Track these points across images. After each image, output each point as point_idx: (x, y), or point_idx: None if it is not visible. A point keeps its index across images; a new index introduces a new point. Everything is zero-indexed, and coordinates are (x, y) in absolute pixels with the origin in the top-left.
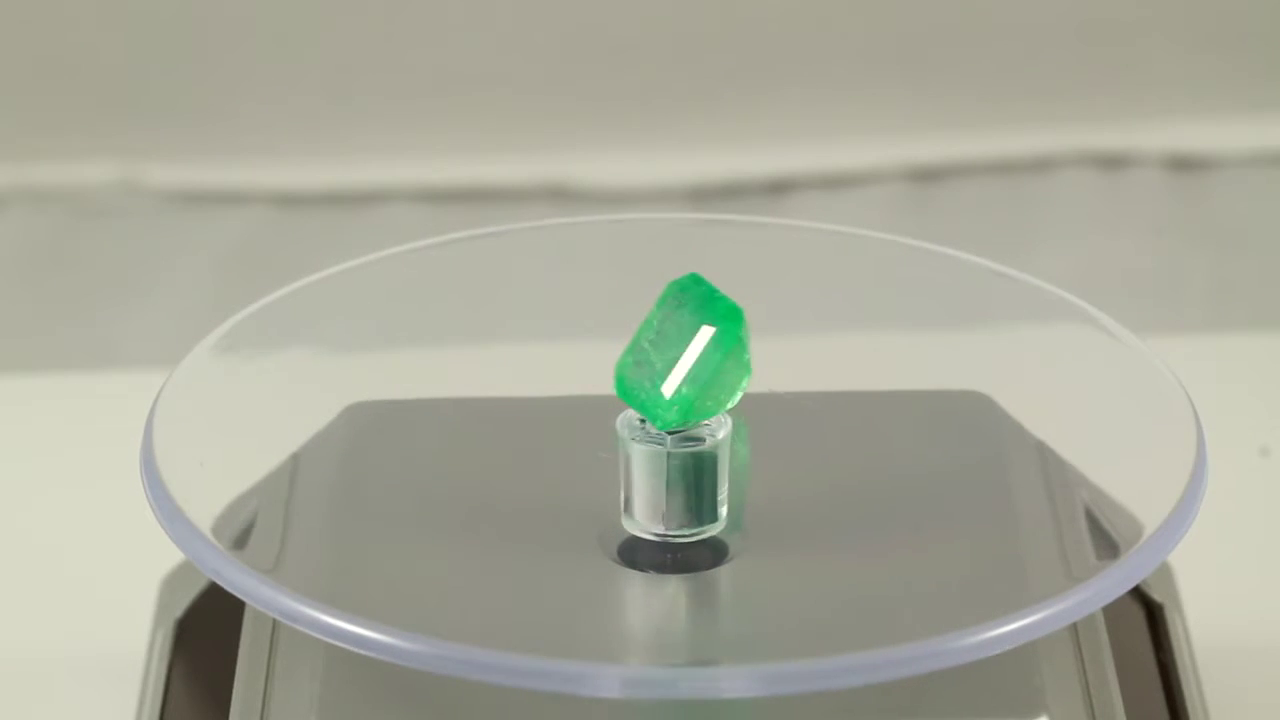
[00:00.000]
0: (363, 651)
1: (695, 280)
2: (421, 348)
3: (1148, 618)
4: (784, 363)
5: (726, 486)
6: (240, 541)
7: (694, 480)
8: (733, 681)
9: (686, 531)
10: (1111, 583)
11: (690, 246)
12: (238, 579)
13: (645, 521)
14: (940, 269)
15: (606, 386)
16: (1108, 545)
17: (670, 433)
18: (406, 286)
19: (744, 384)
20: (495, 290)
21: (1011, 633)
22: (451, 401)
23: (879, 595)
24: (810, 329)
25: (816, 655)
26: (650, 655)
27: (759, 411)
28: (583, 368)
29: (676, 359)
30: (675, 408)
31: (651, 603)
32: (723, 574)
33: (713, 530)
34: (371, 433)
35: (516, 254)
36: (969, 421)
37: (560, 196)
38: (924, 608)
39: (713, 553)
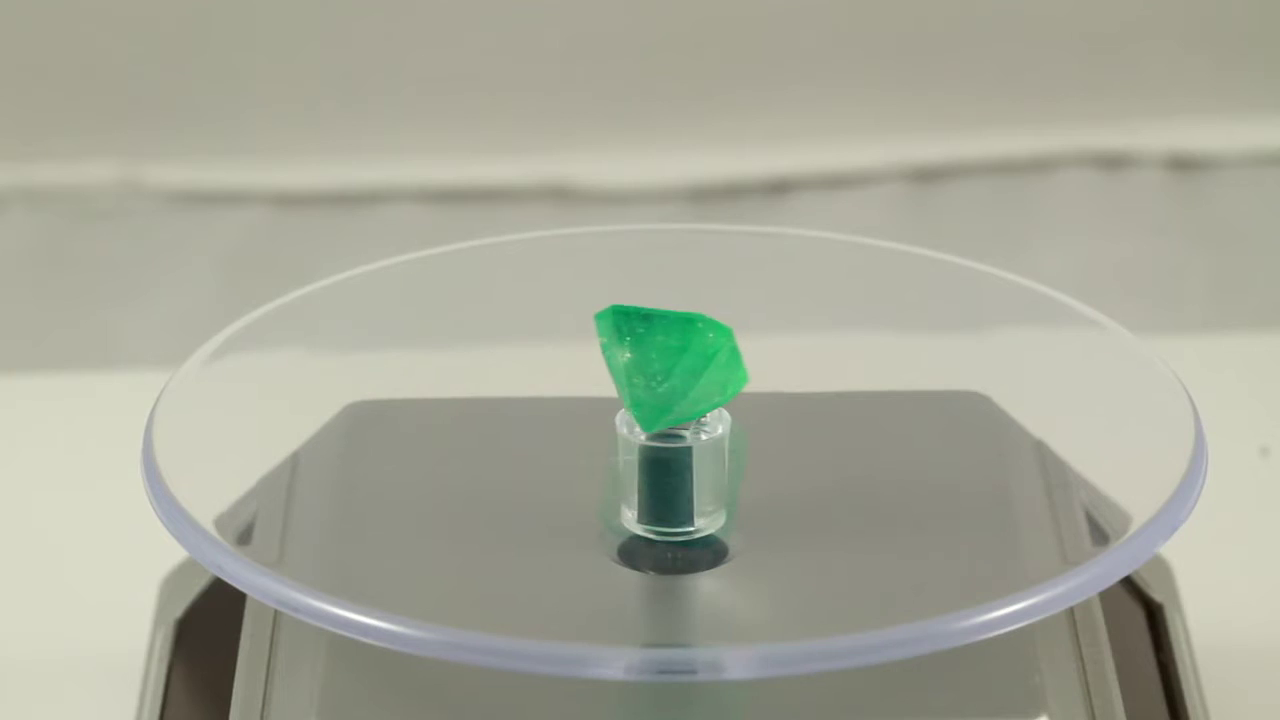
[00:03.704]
0: (366, 640)
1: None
2: (421, 348)
3: (1148, 618)
4: (785, 364)
5: (725, 485)
6: (241, 540)
7: (692, 478)
8: (732, 662)
9: (686, 530)
10: (1108, 567)
11: (690, 252)
12: (238, 571)
13: (645, 520)
14: (938, 273)
15: (606, 388)
16: (1106, 543)
17: (684, 428)
18: (406, 290)
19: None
20: (495, 293)
21: (1009, 615)
22: (451, 401)
23: (880, 594)
24: (811, 331)
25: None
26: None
27: (760, 412)
28: (582, 369)
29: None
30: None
31: (651, 601)
32: (723, 573)
33: (712, 529)
34: (371, 432)
35: (517, 259)
36: (969, 421)
37: (560, 196)
38: (924, 605)
39: (713, 552)
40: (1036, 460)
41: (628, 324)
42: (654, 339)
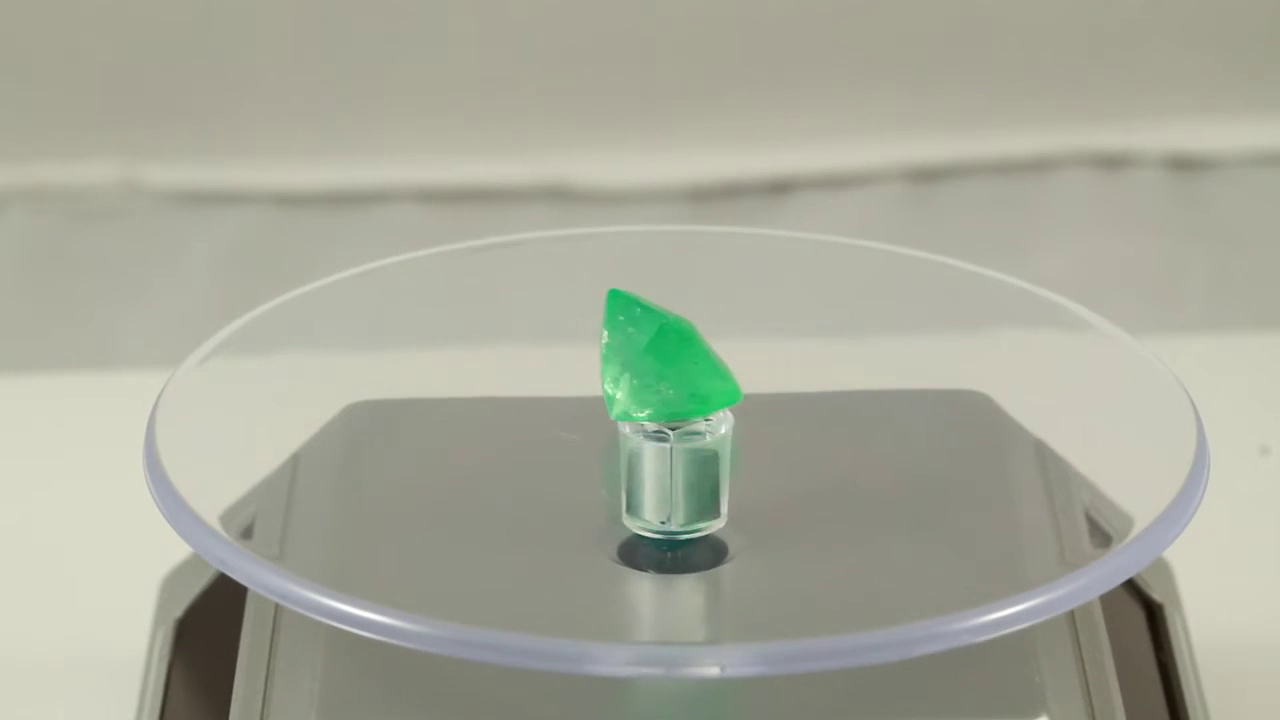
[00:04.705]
0: (367, 634)
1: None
2: (421, 348)
3: (1148, 618)
4: (785, 364)
5: (728, 484)
6: (243, 539)
7: (694, 477)
8: (732, 660)
9: (687, 529)
10: (1112, 569)
11: (690, 253)
12: (240, 564)
13: (645, 519)
14: (937, 275)
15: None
16: (1106, 543)
17: (671, 427)
18: (407, 290)
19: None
20: (495, 293)
21: (1012, 616)
22: (451, 401)
23: (880, 593)
24: (811, 332)
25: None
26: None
27: (759, 411)
28: (582, 369)
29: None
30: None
31: (651, 600)
32: (723, 573)
33: (713, 528)
34: (371, 433)
35: (517, 260)
36: (969, 421)
37: (560, 196)
38: (925, 604)
39: (713, 552)
40: (1036, 460)
41: (619, 310)
42: (628, 331)
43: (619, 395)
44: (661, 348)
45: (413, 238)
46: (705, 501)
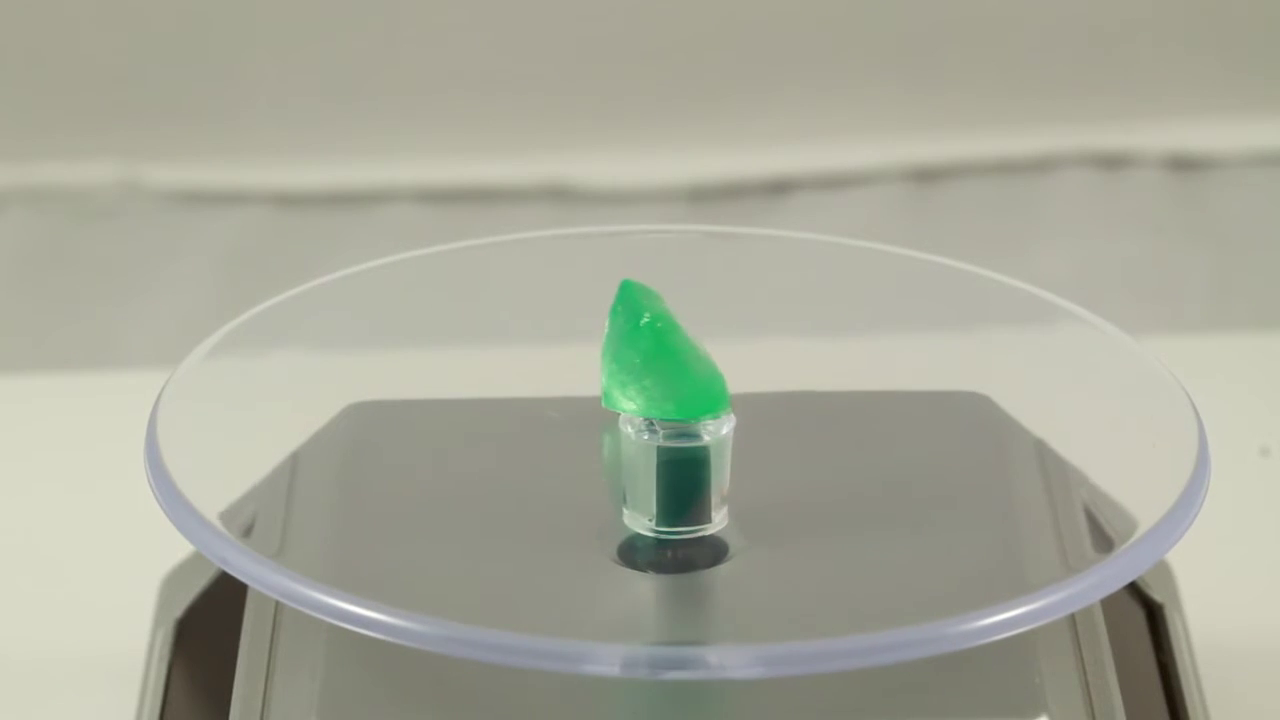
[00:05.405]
0: (369, 633)
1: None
2: (421, 348)
3: (1148, 618)
4: (786, 364)
5: (726, 485)
6: (243, 537)
7: (694, 477)
8: (731, 661)
9: (686, 529)
10: (1114, 572)
11: (691, 253)
12: (244, 563)
13: (646, 519)
14: (937, 275)
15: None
16: (1106, 543)
17: (665, 426)
18: (407, 290)
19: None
20: (495, 293)
21: (1013, 619)
22: (451, 402)
23: (880, 593)
24: (811, 332)
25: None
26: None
27: (761, 411)
28: (582, 369)
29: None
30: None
31: (650, 600)
32: (722, 572)
33: (713, 528)
34: (371, 433)
35: (517, 259)
36: (969, 421)
37: (560, 196)
38: (925, 604)
39: (713, 551)
40: (1036, 460)
41: (621, 300)
42: (619, 323)
43: (608, 385)
44: (637, 344)
45: (413, 238)
46: (692, 502)
